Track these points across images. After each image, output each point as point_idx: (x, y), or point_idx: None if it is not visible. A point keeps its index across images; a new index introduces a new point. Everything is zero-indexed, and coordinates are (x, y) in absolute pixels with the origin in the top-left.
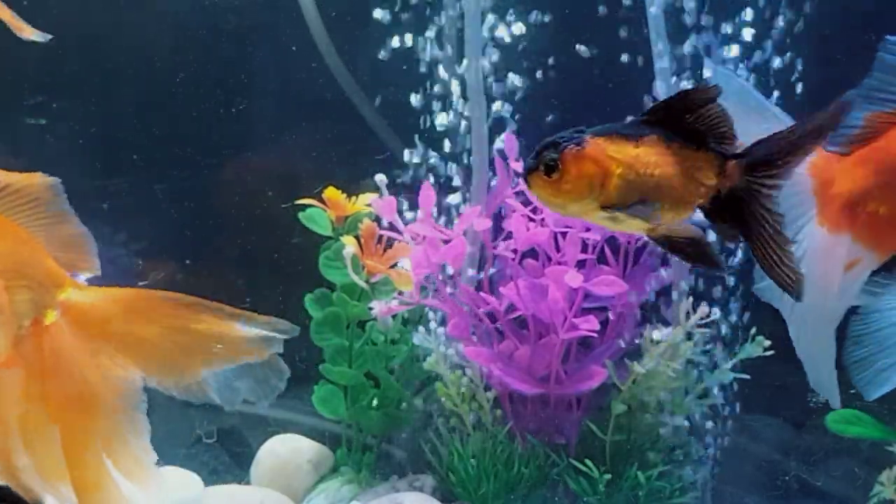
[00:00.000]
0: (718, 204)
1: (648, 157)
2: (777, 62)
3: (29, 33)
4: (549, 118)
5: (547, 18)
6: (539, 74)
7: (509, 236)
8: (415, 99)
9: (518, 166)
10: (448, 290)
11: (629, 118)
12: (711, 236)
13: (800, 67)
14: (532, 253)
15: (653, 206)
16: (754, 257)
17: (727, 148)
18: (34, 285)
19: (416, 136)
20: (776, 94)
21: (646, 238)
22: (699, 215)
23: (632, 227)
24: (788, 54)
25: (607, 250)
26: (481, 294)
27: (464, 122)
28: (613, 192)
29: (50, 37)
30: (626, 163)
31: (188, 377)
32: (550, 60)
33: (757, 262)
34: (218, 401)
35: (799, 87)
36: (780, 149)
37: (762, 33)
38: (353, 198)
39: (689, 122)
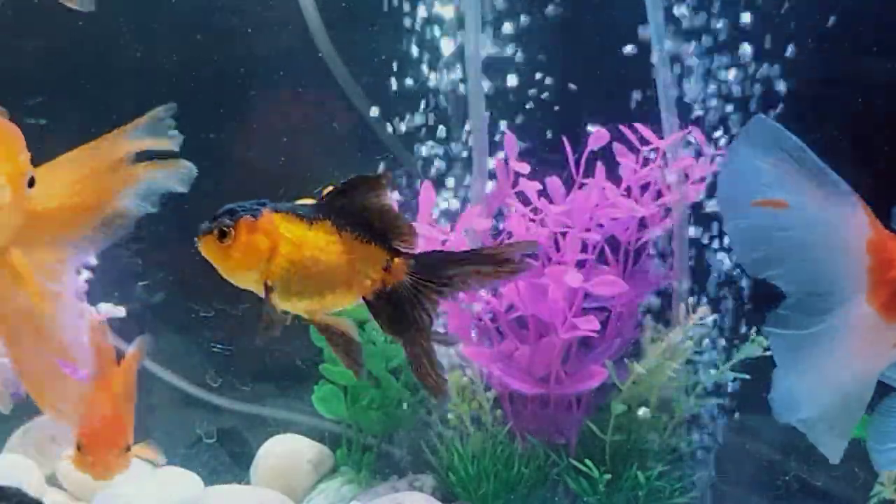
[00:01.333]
0: (382, 299)
1: (317, 241)
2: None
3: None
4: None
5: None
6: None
7: (509, 236)
8: (414, 98)
9: (518, 166)
10: None
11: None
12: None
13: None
14: (532, 253)
15: (315, 289)
16: (406, 355)
17: (401, 245)
18: None
19: (417, 135)
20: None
21: (645, 238)
22: None
23: (295, 308)
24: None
25: (607, 250)
26: (481, 294)
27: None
28: (277, 268)
29: (92, 8)
30: (294, 242)
31: (117, 206)
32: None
33: (408, 360)
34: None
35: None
36: (451, 259)
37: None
38: None
39: (362, 214)
